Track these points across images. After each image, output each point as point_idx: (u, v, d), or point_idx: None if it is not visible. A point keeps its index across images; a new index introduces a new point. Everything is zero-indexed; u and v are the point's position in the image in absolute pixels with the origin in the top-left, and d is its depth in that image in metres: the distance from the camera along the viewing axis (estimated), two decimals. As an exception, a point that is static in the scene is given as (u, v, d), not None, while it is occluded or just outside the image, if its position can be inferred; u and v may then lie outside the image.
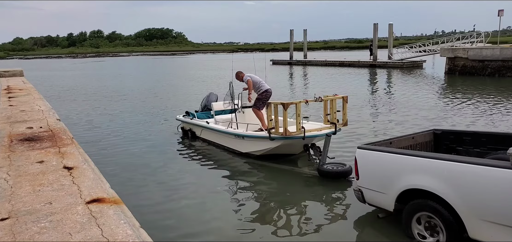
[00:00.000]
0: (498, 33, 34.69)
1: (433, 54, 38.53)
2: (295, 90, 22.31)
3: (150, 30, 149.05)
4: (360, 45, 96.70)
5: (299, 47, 60.59)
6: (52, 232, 2.30)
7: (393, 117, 12.90)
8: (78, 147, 4.27)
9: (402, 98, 17.12)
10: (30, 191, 2.94)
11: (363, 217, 5.56)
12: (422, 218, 4.48)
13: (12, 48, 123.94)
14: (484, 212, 3.90)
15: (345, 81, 25.92)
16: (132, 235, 2.22)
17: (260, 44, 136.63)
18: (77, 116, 14.99)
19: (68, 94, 22.79)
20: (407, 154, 4.70)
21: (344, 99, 8.11)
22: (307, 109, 11.91)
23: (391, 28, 38.54)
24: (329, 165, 7.41)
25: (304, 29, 49.51)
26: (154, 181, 7.47)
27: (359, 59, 41.45)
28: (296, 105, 7.62)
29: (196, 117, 10.66)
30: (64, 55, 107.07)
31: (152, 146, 10.17)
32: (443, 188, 4.15)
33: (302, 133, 7.59)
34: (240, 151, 8.84)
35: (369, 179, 5.05)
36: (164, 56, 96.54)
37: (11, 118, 6.07)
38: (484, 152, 5.30)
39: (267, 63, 22.50)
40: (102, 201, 2.72)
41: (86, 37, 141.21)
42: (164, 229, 5.47)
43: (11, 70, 15.33)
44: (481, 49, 26.89)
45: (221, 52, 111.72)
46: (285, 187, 7.12)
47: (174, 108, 15.96)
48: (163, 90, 23.86)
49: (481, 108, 13.88)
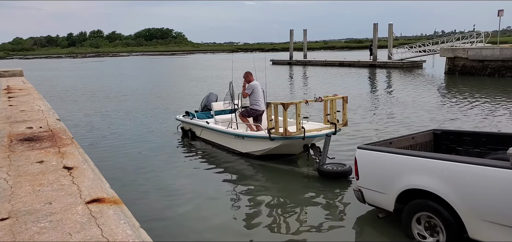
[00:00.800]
0: (498, 33, 34.68)
1: (433, 54, 38.52)
2: (295, 90, 22.31)
3: (150, 30, 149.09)
4: (360, 45, 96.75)
5: (299, 47, 60.62)
6: (52, 232, 2.30)
7: (393, 117, 12.90)
8: (78, 147, 4.27)
9: (402, 98, 17.12)
10: (30, 191, 2.94)
11: (363, 217, 5.56)
12: (422, 218, 4.48)
13: (12, 48, 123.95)
14: (484, 212, 3.90)
15: (345, 81, 25.91)
16: (132, 235, 2.22)
17: (260, 44, 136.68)
18: (77, 116, 14.98)
19: (68, 94, 22.78)
20: (407, 154, 4.69)
21: (344, 99, 8.11)
22: (307, 109, 11.90)
23: (391, 28, 38.56)
24: (329, 165, 7.40)
25: (304, 29, 49.63)
26: (154, 181, 7.46)
27: (359, 59, 41.45)
28: (296, 105, 7.62)
29: (196, 117, 10.67)
30: (64, 55, 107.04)
31: (152, 146, 10.17)
32: (443, 188, 4.14)
33: (302, 133, 7.58)
34: (240, 151, 8.84)
35: (369, 179, 5.05)
36: (163, 56, 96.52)
37: (11, 118, 6.07)
38: (484, 152, 5.29)
39: (267, 63, 22.52)
40: (102, 201, 2.72)
41: (86, 37, 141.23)
42: (164, 229, 5.46)
43: (11, 70, 15.35)
44: (481, 49, 26.89)
45: (221, 52, 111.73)
46: (285, 187, 7.12)
47: (174, 108, 15.95)
48: (163, 90, 23.86)
49: (481, 108, 13.89)
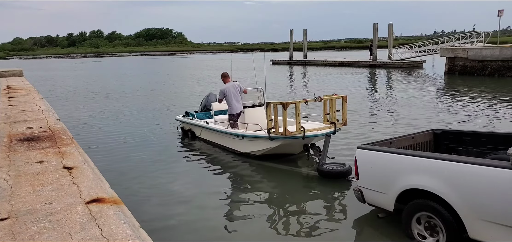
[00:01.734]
0: (498, 33, 34.68)
1: (433, 54, 38.53)
2: (294, 90, 22.31)
3: (150, 30, 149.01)
4: (360, 45, 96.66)
5: (299, 47, 60.59)
6: (52, 232, 2.29)
7: (393, 117, 12.90)
8: (78, 147, 4.27)
9: (402, 98, 17.11)
10: (30, 191, 2.94)
11: (363, 217, 5.56)
12: (422, 218, 4.48)
13: (12, 48, 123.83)
14: (484, 212, 3.90)
15: (345, 81, 25.91)
16: (132, 235, 2.22)
17: (260, 44, 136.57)
18: (77, 116, 14.98)
19: (67, 94, 22.78)
20: (407, 154, 4.69)
21: (343, 99, 8.11)
22: (306, 109, 11.90)
23: (391, 28, 38.54)
24: (329, 165, 7.40)
25: (304, 29, 49.62)
26: (153, 181, 7.46)
27: (359, 59, 41.44)
28: (296, 105, 7.62)
29: (195, 117, 10.67)
30: (63, 55, 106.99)
31: (152, 146, 10.17)
32: (443, 188, 4.14)
33: (302, 132, 7.58)
34: (240, 151, 8.84)
35: (369, 179, 5.05)
36: (163, 56, 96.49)
37: (10, 118, 6.07)
38: (484, 152, 5.29)
39: (266, 63, 22.51)
40: (102, 201, 2.72)
41: (85, 37, 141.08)
42: (164, 229, 5.47)
43: (11, 70, 15.34)
44: (481, 49, 26.89)
45: (221, 52, 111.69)
46: (285, 187, 7.12)
47: (174, 108, 15.95)
48: (163, 90, 23.86)
49: (481, 108, 13.89)
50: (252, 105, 9.50)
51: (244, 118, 9.35)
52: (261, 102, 9.64)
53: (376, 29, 38.55)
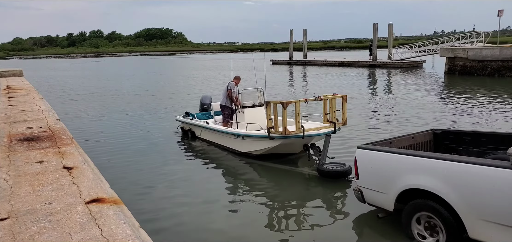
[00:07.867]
0: (498, 33, 34.68)
1: (433, 54, 38.52)
2: (294, 90, 22.31)
3: (150, 30, 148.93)
4: (360, 45, 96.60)
5: (299, 47, 60.60)
6: (52, 232, 2.29)
7: (393, 117, 12.90)
8: (78, 147, 4.27)
9: (402, 98, 17.11)
10: (30, 191, 2.93)
11: (363, 217, 5.56)
12: (421, 218, 4.48)
13: (11, 48, 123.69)
14: (484, 212, 3.90)
15: (345, 81, 25.91)
16: (132, 235, 2.22)
17: (259, 44, 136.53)
18: (77, 116, 14.98)
19: (67, 94, 22.77)
20: (407, 154, 4.69)
21: (343, 98, 8.11)
22: (306, 108, 11.90)
23: (391, 28, 38.53)
24: (329, 165, 7.41)
25: (304, 29, 49.60)
26: (154, 181, 7.46)
27: (358, 59, 41.43)
28: (296, 104, 7.62)
29: (196, 118, 10.68)
30: (63, 55, 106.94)
31: (152, 146, 10.17)
32: (443, 188, 4.14)
33: (302, 132, 7.59)
34: (240, 151, 8.84)
35: (369, 179, 5.05)
36: (163, 56, 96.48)
37: (10, 118, 6.06)
38: (484, 152, 5.29)
39: (266, 63, 22.50)
40: (102, 201, 2.72)
41: (85, 37, 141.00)
42: (163, 229, 5.47)
43: (10, 70, 15.32)
44: (480, 49, 26.88)
45: (221, 52, 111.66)
46: (285, 187, 7.12)
47: (174, 108, 15.95)
48: (163, 90, 23.85)
49: (481, 108, 13.88)
50: (252, 105, 9.50)
51: (244, 118, 9.35)
52: (261, 102, 9.64)
53: (376, 29, 38.54)
